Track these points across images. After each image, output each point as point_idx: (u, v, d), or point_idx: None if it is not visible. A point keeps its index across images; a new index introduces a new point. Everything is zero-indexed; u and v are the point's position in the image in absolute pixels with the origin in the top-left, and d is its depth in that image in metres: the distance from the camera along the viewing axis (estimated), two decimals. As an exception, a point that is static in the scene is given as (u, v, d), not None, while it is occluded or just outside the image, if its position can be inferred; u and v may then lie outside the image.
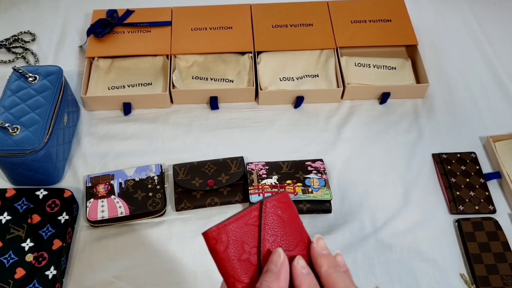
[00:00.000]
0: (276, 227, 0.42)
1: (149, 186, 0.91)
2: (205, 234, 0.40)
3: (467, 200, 0.91)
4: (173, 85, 1.04)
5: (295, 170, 0.93)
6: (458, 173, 0.94)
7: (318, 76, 1.07)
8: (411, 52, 1.13)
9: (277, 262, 0.39)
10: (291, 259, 0.41)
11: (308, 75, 1.08)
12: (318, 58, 1.10)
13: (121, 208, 0.88)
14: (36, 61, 1.14)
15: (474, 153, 0.98)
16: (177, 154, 0.98)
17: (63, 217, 0.85)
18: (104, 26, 1.10)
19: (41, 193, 0.87)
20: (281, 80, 1.06)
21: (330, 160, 0.98)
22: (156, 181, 0.91)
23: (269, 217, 0.41)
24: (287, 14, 1.15)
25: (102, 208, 0.87)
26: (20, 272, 0.78)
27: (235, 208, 0.92)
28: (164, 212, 0.90)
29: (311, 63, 1.09)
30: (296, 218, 0.43)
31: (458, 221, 0.89)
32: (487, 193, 0.92)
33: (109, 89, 1.05)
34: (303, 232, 0.43)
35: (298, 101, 1.05)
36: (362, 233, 0.88)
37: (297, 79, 1.07)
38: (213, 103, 1.04)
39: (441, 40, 1.19)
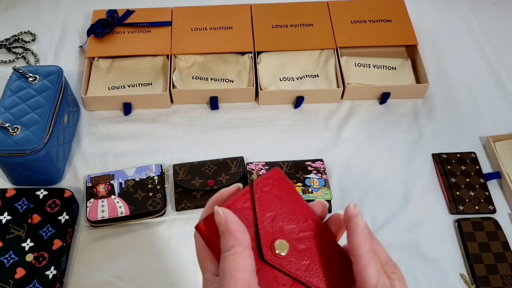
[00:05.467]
0: (273, 206, 0.38)
1: (149, 186, 0.91)
2: (197, 227, 0.38)
3: (467, 200, 0.91)
4: (173, 85, 1.04)
5: (295, 170, 0.93)
6: (458, 173, 0.94)
7: (318, 76, 1.07)
8: (411, 52, 1.13)
9: (220, 220, 0.36)
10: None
11: (308, 75, 1.08)
12: (318, 58, 1.10)
13: (121, 208, 0.88)
14: (36, 61, 1.14)
15: (474, 153, 0.98)
16: (177, 154, 0.98)
17: (63, 217, 0.85)
18: (104, 26, 1.10)
19: (41, 193, 0.88)
20: (281, 80, 1.06)
21: (330, 160, 0.98)
22: (156, 181, 0.91)
23: (262, 197, 0.38)
24: (287, 14, 1.15)
25: (102, 208, 0.87)
26: (20, 272, 0.78)
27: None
28: (164, 212, 0.90)
29: (311, 63, 1.09)
30: (294, 192, 0.40)
31: (458, 221, 0.89)
32: (487, 193, 0.92)
33: (109, 89, 1.05)
34: (306, 206, 0.40)
35: (298, 101, 1.05)
36: (362, 233, 0.88)
37: (297, 79, 1.07)
38: (213, 103, 1.04)
39: (441, 40, 1.19)
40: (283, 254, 0.37)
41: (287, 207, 0.39)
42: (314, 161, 0.95)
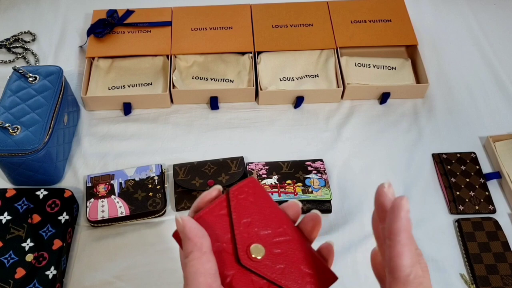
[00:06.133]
0: (249, 212, 0.40)
1: (149, 186, 0.91)
2: (174, 236, 0.38)
3: (467, 200, 0.91)
4: (173, 85, 1.04)
5: (295, 170, 0.93)
6: (458, 173, 0.94)
7: (318, 76, 1.07)
8: (411, 52, 1.13)
9: (179, 227, 0.36)
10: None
11: (308, 75, 1.08)
12: (318, 58, 1.10)
13: (121, 208, 0.88)
14: (36, 61, 1.14)
15: (474, 153, 0.98)
16: (177, 154, 0.98)
17: (63, 217, 0.85)
18: (104, 26, 1.10)
19: (41, 193, 0.88)
20: (281, 80, 1.06)
21: (330, 160, 0.98)
22: (156, 181, 0.91)
23: (238, 204, 0.40)
24: (287, 14, 1.15)
25: (102, 208, 0.87)
26: (20, 272, 0.78)
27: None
28: (164, 212, 0.90)
29: (311, 63, 1.09)
30: (269, 200, 0.42)
31: (458, 221, 0.89)
32: (487, 193, 0.92)
33: (109, 89, 1.05)
34: (281, 213, 0.42)
35: (298, 101, 1.05)
36: (362, 233, 0.88)
37: (297, 79, 1.07)
38: (213, 103, 1.04)
39: (441, 40, 1.19)
40: (259, 257, 0.39)
41: (262, 213, 0.40)
42: (314, 161, 0.95)
